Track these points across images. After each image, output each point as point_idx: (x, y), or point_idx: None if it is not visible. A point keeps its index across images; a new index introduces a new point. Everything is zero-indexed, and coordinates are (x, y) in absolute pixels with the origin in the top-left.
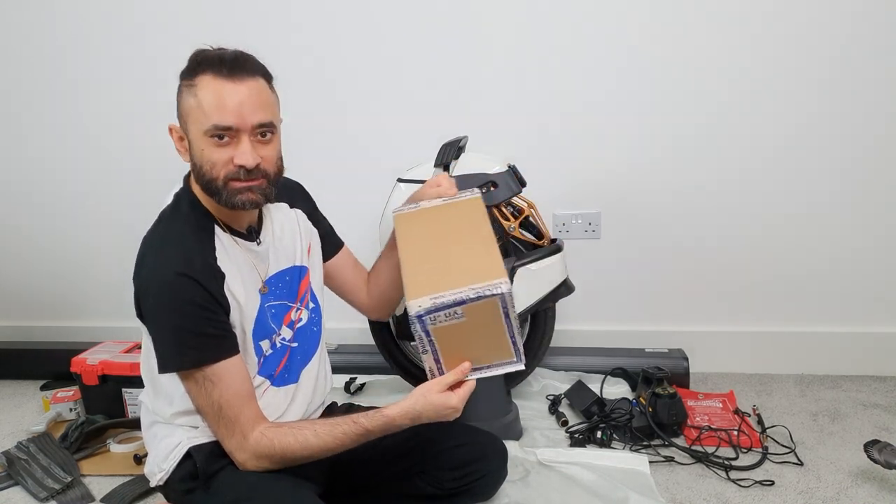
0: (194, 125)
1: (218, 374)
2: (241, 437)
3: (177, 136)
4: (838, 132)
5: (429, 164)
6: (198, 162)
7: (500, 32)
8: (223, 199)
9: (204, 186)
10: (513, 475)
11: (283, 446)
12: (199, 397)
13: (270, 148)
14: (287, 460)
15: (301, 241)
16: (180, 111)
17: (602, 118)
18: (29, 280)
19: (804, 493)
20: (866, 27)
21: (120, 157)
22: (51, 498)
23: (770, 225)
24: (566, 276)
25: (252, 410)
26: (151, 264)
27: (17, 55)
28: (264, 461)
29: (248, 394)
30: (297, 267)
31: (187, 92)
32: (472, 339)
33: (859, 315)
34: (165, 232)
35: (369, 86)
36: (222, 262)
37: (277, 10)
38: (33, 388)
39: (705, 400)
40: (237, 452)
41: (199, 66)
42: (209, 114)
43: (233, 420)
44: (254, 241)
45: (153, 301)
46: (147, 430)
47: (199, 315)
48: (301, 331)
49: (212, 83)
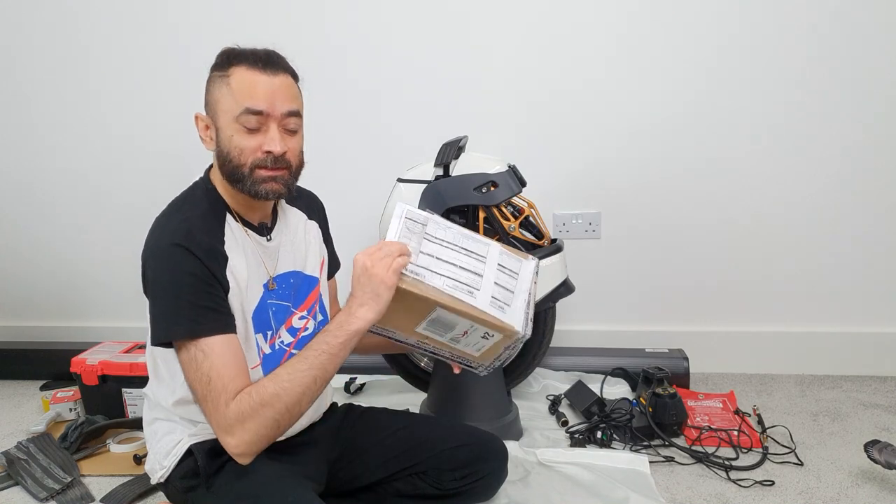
0: (225, 113)
1: (210, 346)
2: (224, 408)
3: (203, 124)
4: (839, 133)
5: (429, 164)
6: (225, 148)
7: (501, 33)
8: (247, 187)
9: (229, 174)
10: (513, 475)
11: (262, 398)
12: (189, 369)
13: (296, 140)
14: (267, 407)
15: (317, 254)
16: (209, 100)
17: (602, 118)
18: (29, 280)
19: (804, 494)
20: (863, 20)
21: (120, 157)
22: (50, 498)
23: (770, 225)
24: (566, 276)
25: (242, 381)
26: (155, 236)
27: (17, 56)
28: (248, 422)
29: (241, 368)
30: (309, 276)
31: (220, 81)
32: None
33: (859, 315)
34: (174, 210)
35: (369, 86)
36: (229, 248)
37: (277, 10)
38: (33, 388)
39: (705, 400)
40: (222, 429)
41: (234, 58)
42: (241, 100)
43: (220, 392)
44: (264, 237)
45: (151, 272)
46: (148, 426)
47: (195, 286)
48: (304, 340)
49: (246, 73)
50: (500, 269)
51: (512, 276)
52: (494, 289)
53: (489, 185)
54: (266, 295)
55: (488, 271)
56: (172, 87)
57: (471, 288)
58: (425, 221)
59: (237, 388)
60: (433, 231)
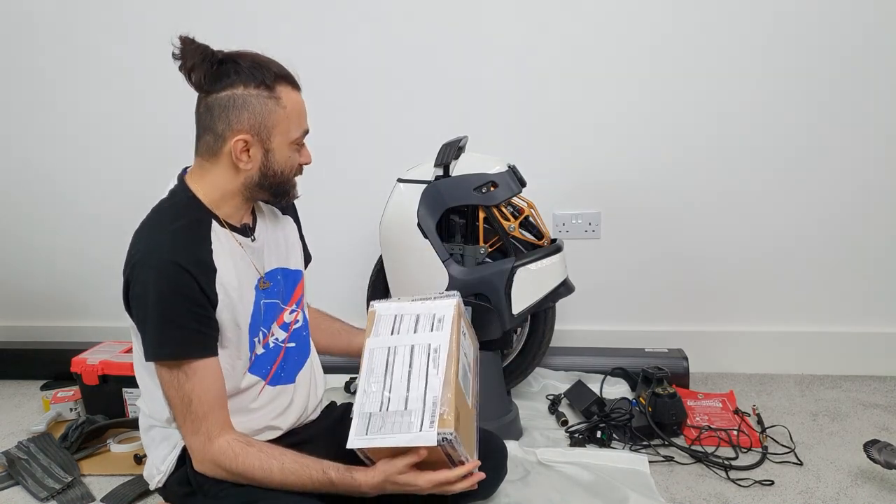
0: (282, 134)
1: (193, 369)
2: (205, 439)
3: (245, 146)
4: (838, 134)
5: (429, 164)
6: (279, 168)
7: (501, 33)
8: (289, 196)
9: (275, 187)
10: (513, 475)
11: (245, 468)
12: (170, 388)
13: None
14: (243, 480)
15: (296, 247)
16: (259, 121)
17: (602, 118)
18: (29, 280)
19: (804, 493)
20: (870, 30)
21: (121, 157)
22: (51, 498)
23: (770, 225)
24: (566, 276)
25: (222, 415)
26: (142, 252)
27: (17, 57)
28: (220, 471)
29: (220, 396)
30: (293, 271)
31: (272, 103)
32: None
33: (859, 315)
34: (158, 222)
35: (369, 86)
36: (217, 257)
37: (276, 11)
38: (33, 388)
39: (705, 400)
40: (197, 453)
41: (277, 78)
42: (300, 123)
43: (200, 418)
44: (248, 237)
45: (140, 289)
46: (145, 433)
47: (184, 306)
48: (297, 333)
49: (291, 94)
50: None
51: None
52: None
53: (489, 185)
54: (259, 295)
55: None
56: (172, 88)
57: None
58: None
59: (220, 420)
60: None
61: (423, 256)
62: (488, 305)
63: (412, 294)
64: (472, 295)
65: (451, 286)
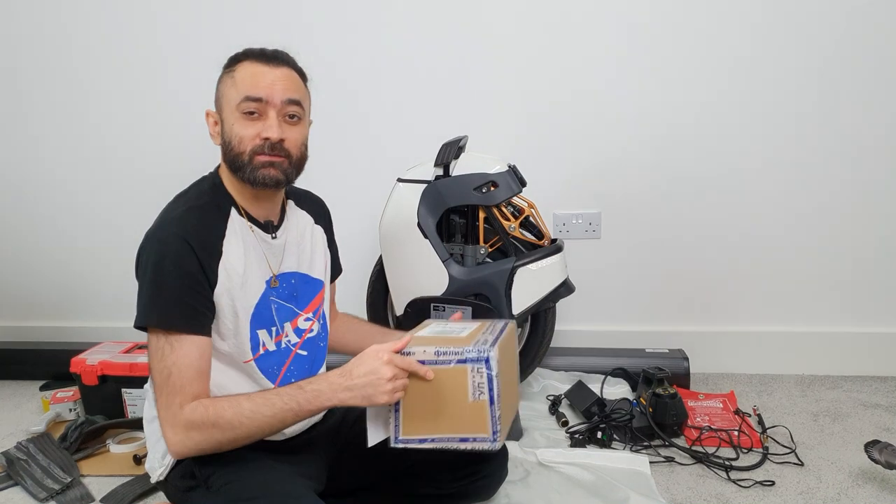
0: (228, 103)
1: (180, 342)
2: (177, 409)
3: (212, 120)
4: (839, 134)
5: (429, 164)
6: (227, 138)
7: (501, 33)
8: (247, 175)
9: (231, 162)
10: (513, 475)
11: (217, 411)
12: (154, 358)
13: (296, 131)
14: (217, 429)
15: (322, 258)
16: (217, 95)
17: (603, 118)
18: (29, 280)
19: (804, 494)
20: (870, 24)
21: (121, 158)
22: (50, 498)
23: (770, 225)
24: (566, 276)
25: (200, 386)
26: (155, 226)
27: (17, 60)
28: (194, 432)
29: (202, 371)
30: (313, 279)
31: (227, 77)
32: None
33: (859, 315)
34: (178, 201)
35: (369, 86)
36: (228, 244)
37: (276, 11)
38: (33, 389)
39: (706, 400)
40: (170, 423)
41: (242, 55)
42: (242, 89)
43: (177, 389)
44: (269, 234)
45: (144, 257)
46: (149, 424)
47: (180, 279)
48: (311, 341)
49: (250, 66)
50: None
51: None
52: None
53: (489, 185)
54: (268, 291)
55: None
56: (173, 89)
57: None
58: None
59: (195, 392)
60: None
61: (423, 256)
62: (488, 305)
63: (413, 294)
64: (472, 295)
65: (450, 286)
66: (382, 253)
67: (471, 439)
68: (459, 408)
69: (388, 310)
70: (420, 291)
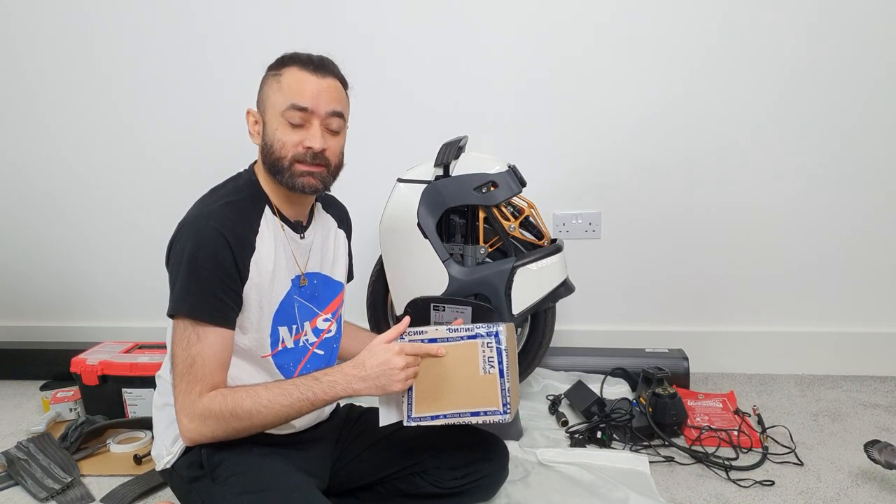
0: (272, 107)
1: (206, 333)
2: (196, 396)
3: (253, 119)
4: (840, 132)
5: (429, 164)
6: (269, 141)
7: (500, 33)
8: (285, 179)
9: (270, 165)
10: (513, 475)
11: (235, 400)
12: (178, 346)
13: (337, 140)
14: (235, 418)
15: (344, 262)
16: (261, 97)
17: (603, 118)
18: (29, 280)
19: (804, 494)
20: (860, 18)
21: (123, 158)
22: (51, 498)
23: (770, 225)
24: (566, 276)
25: (220, 377)
26: (192, 216)
27: (24, 55)
28: (210, 420)
29: (222, 366)
30: (334, 281)
31: (272, 79)
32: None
33: (859, 315)
34: (215, 194)
35: (368, 86)
36: (261, 239)
37: (275, 12)
38: (33, 388)
39: (705, 400)
40: (186, 410)
41: (289, 60)
42: (289, 96)
43: (198, 378)
44: (298, 234)
45: (179, 246)
46: (158, 410)
47: (213, 271)
48: (327, 342)
49: (297, 72)
50: None
51: None
52: None
53: (489, 185)
54: (293, 290)
55: None
56: (177, 89)
57: None
58: None
59: (214, 382)
60: None
61: (423, 256)
62: (488, 305)
63: (413, 294)
64: (472, 295)
65: (450, 286)
66: (382, 253)
67: (482, 413)
68: (470, 382)
69: (388, 310)
70: (420, 291)
